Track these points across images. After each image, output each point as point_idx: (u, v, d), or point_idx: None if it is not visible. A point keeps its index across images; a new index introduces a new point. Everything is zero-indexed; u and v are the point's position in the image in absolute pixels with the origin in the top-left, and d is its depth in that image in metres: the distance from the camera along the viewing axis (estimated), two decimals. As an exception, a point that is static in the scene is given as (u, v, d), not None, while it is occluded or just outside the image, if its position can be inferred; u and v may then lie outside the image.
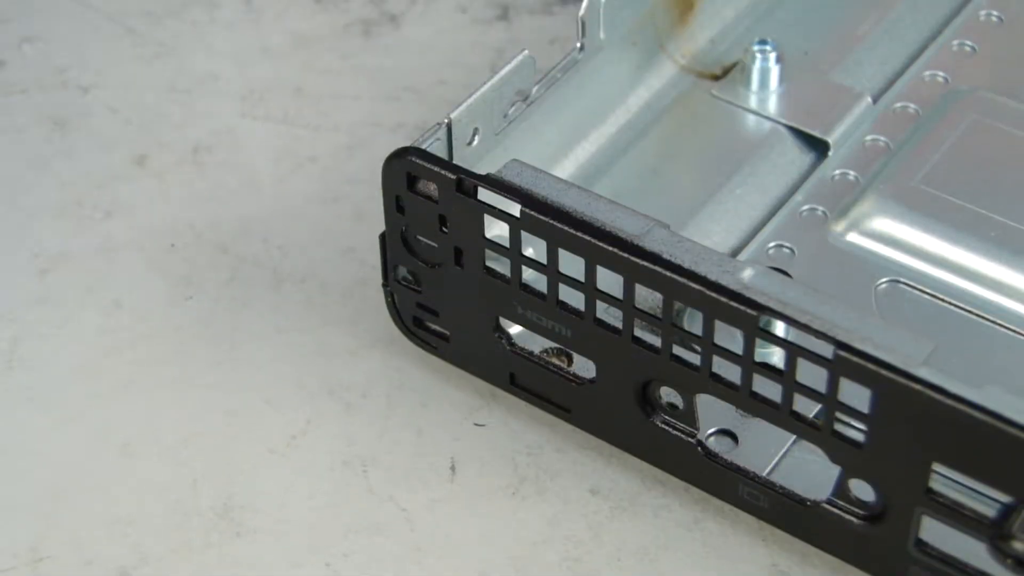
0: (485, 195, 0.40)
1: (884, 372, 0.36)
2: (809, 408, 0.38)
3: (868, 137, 0.48)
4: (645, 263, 0.38)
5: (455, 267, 0.42)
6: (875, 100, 0.49)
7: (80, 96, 0.53)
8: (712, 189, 0.47)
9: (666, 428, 0.41)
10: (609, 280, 0.39)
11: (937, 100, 0.49)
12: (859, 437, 0.37)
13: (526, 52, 0.44)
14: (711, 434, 0.42)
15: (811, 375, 0.37)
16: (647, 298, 0.39)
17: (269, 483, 0.43)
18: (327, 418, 0.44)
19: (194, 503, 0.42)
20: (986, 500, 0.37)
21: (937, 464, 0.36)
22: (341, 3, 0.56)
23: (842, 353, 0.36)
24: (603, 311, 0.40)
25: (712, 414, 0.42)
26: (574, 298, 0.40)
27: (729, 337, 0.38)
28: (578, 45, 0.46)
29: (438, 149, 0.42)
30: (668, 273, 0.38)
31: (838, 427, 0.38)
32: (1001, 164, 0.47)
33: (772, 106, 0.49)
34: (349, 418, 0.44)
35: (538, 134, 0.46)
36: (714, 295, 0.37)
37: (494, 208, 0.40)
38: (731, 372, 0.39)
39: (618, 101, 0.49)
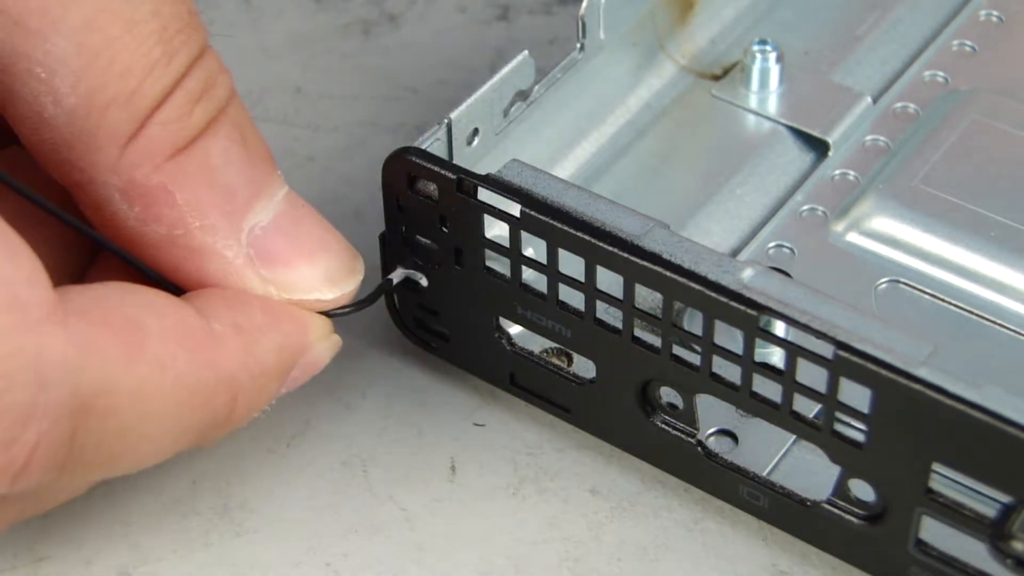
0: (485, 195, 0.40)
1: (884, 372, 0.36)
2: (809, 408, 0.38)
3: (868, 137, 0.48)
4: (645, 263, 0.38)
5: (455, 267, 0.42)
6: (875, 100, 0.49)
7: (80, 96, 0.53)
8: (712, 189, 0.47)
9: (666, 428, 0.41)
10: (609, 280, 0.39)
11: (937, 100, 0.49)
12: (859, 437, 0.37)
13: (526, 52, 0.44)
14: (711, 434, 0.42)
15: (811, 375, 0.37)
16: (647, 298, 0.39)
17: (269, 483, 0.43)
18: (327, 418, 0.44)
19: (193, 503, 0.42)
20: (986, 500, 0.37)
21: (937, 464, 0.36)
22: (341, 3, 0.56)
23: (842, 353, 0.36)
24: (603, 311, 0.40)
25: (712, 414, 0.42)
26: (574, 298, 0.40)
27: (729, 337, 0.38)
28: (578, 45, 0.46)
29: (438, 149, 0.42)
30: (668, 273, 0.38)
31: (838, 427, 0.38)
32: (1001, 164, 0.47)
33: (772, 106, 0.49)
34: (349, 418, 0.44)
35: (538, 134, 0.46)
36: (714, 295, 0.37)
37: (494, 208, 0.40)
38: (731, 372, 0.39)
39: (618, 101, 0.49)
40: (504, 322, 0.42)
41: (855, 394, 0.36)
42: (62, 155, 0.37)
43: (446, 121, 0.42)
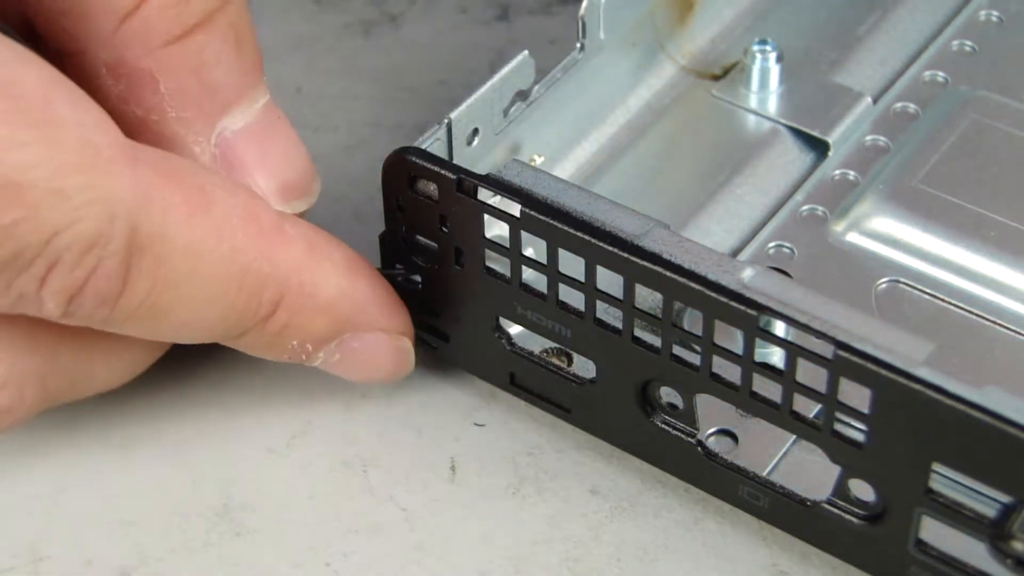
0: (485, 195, 0.40)
1: (884, 372, 0.36)
2: (809, 408, 0.38)
3: (868, 137, 0.48)
4: (645, 263, 0.38)
5: (455, 267, 0.42)
6: (875, 100, 0.49)
7: (80, 96, 0.53)
8: (712, 189, 0.47)
9: (666, 428, 0.41)
10: (609, 280, 0.39)
11: (937, 100, 0.49)
12: (859, 437, 0.37)
13: (526, 52, 0.44)
14: (711, 434, 0.42)
15: (811, 375, 0.37)
16: (647, 298, 0.39)
17: (269, 483, 0.43)
18: (327, 418, 0.44)
19: (194, 503, 0.42)
20: (986, 500, 0.37)
21: (937, 464, 0.36)
22: (341, 3, 0.56)
23: (842, 353, 0.36)
24: (603, 311, 0.40)
25: (712, 414, 0.42)
26: (574, 298, 0.40)
27: (729, 337, 0.38)
28: (578, 45, 0.46)
29: (438, 149, 0.42)
30: (668, 273, 0.38)
31: (838, 427, 0.38)
32: (1001, 164, 0.47)
33: (772, 106, 0.49)
34: (349, 418, 0.44)
35: (538, 134, 0.46)
36: (714, 295, 0.37)
37: (494, 208, 0.40)
38: (731, 372, 0.39)
39: (618, 101, 0.49)
40: (504, 322, 0.42)
41: (855, 394, 0.36)
42: (60, 23, 0.39)
43: (446, 121, 0.42)
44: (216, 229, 0.38)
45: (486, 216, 0.40)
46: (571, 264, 0.40)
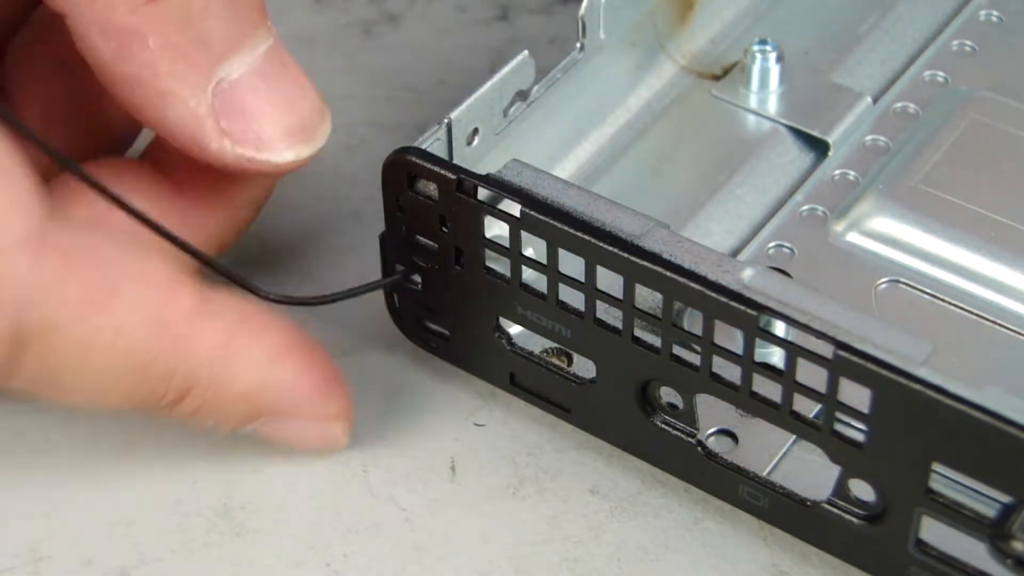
0: (485, 195, 0.40)
1: (884, 372, 0.36)
2: (809, 408, 0.38)
3: (868, 137, 0.48)
4: (645, 263, 0.38)
5: (455, 267, 0.42)
6: (875, 100, 0.49)
7: (80, 96, 0.53)
8: (712, 189, 0.47)
9: (666, 428, 0.41)
10: (609, 280, 0.39)
11: (937, 100, 0.49)
12: (859, 437, 0.37)
13: (526, 52, 0.44)
14: (711, 434, 0.42)
15: (811, 375, 0.37)
16: (647, 298, 0.39)
17: (269, 483, 0.43)
18: (327, 418, 0.44)
19: (194, 503, 0.42)
20: (986, 500, 0.37)
21: (937, 464, 0.36)
22: (341, 3, 0.56)
23: (842, 353, 0.36)
24: (603, 311, 0.40)
25: (712, 414, 0.42)
26: (574, 298, 0.40)
27: (729, 337, 0.38)
28: (578, 45, 0.46)
29: (438, 149, 0.42)
30: (668, 273, 0.38)
31: (838, 427, 0.38)
32: (1001, 164, 0.47)
33: (772, 106, 0.49)
34: (349, 418, 0.44)
35: (538, 134, 0.46)
36: (714, 295, 0.37)
37: (494, 208, 0.40)
38: (731, 372, 0.39)
39: (618, 101, 0.49)
40: (504, 322, 0.42)
41: (855, 394, 0.36)
42: None
43: (446, 121, 0.42)
44: (113, 327, 0.37)
45: (486, 216, 0.40)
46: (571, 264, 0.40)
